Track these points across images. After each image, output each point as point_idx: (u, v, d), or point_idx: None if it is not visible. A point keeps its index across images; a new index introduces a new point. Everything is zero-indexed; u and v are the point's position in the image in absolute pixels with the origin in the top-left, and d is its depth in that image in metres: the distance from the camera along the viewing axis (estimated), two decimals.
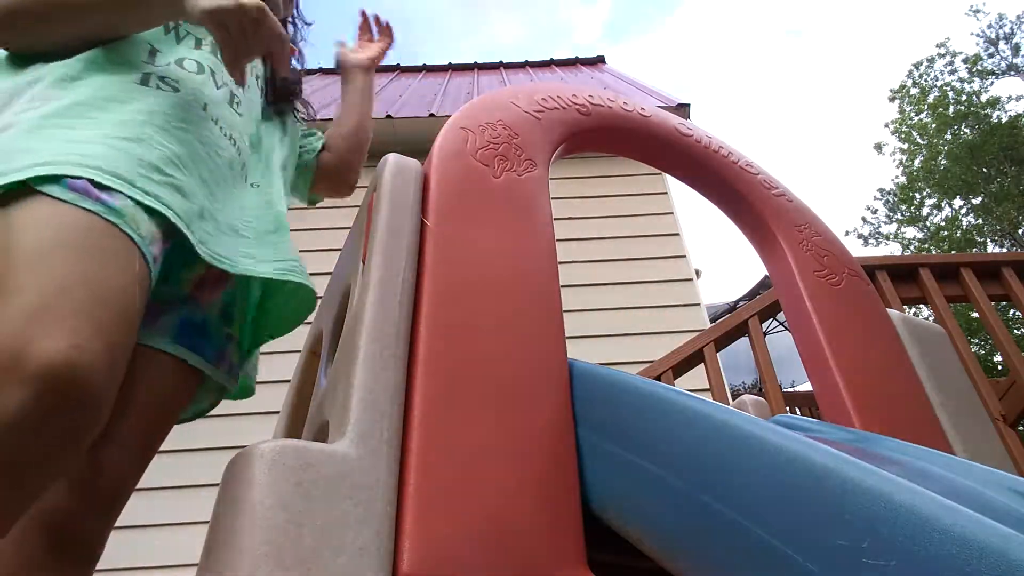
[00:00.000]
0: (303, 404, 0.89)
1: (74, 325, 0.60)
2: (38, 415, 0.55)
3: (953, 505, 0.36)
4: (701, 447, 0.52)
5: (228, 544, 0.48)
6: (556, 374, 0.68)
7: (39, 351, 0.56)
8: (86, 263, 0.65)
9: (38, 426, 0.56)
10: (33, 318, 0.58)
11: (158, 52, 0.91)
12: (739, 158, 1.16)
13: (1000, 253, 2.90)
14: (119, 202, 0.71)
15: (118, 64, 0.85)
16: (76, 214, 0.67)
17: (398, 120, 3.99)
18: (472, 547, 0.53)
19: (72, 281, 0.63)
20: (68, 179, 0.69)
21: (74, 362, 0.58)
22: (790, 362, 5.57)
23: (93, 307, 0.63)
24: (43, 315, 0.59)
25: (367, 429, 0.57)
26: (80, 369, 0.58)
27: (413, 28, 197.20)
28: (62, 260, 0.64)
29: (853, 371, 0.91)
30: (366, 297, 0.66)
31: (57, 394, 0.56)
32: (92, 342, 0.60)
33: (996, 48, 15.74)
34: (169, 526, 2.64)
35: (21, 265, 0.62)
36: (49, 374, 0.56)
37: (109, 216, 0.69)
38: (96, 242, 0.67)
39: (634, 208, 3.78)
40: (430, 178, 0.79)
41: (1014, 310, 9.69)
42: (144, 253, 0.72)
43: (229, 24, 0.80)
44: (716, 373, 2.17)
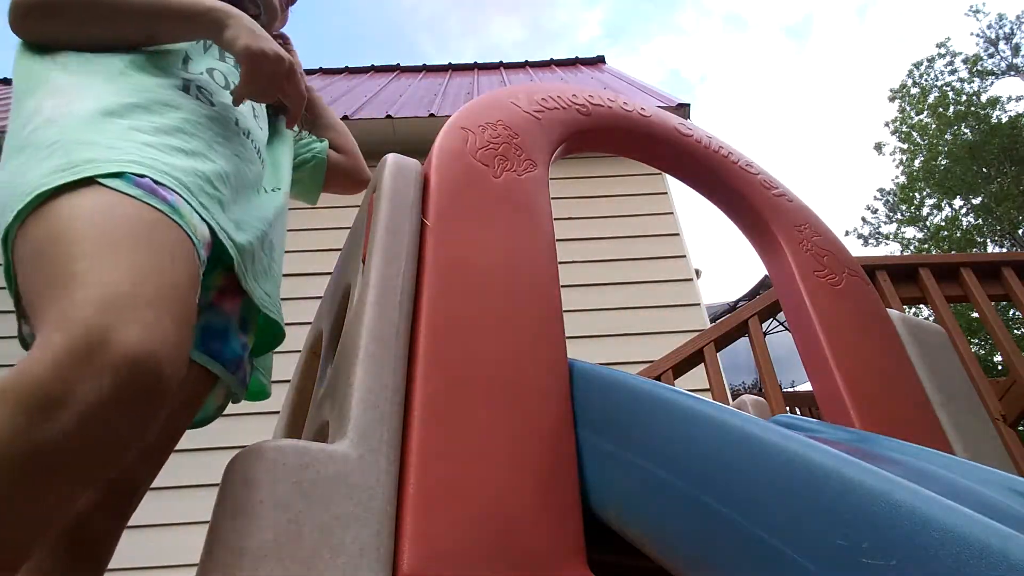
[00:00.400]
0: (303, 404, 0.89)
1: (153, 315, 0.59)
2: (116, 404, 0.54)
3: (953, 505, 0.36)
4: (701, 447, 0.52)
5: (228, 544, 0.48)
6: (556, 374, 0.68)
7: (121, 339, 0.55)
8: (157, 256, 0.65)
9: (113, 415, 0.55)
10: (113, 306, 0.57)
11: (190, 60, 0.92)
12: (739, 158, 1.16)
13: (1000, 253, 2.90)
14: (180, 203, 0.71)
15: (160, 68, 0.86)
16: (143, 209, 0.68)
17: (398, 120, 3.99)
18: (472, 547, 0.53)
19: (147, 273, 0.62)
20: (133, 175, 0.69)
21: (154, 352, 0.57)
22: (790, 362, 5.58)
23: (167, 299, 0.62)
24: (123, 303, 0.58)
25: (367, 429, 0.57)
26: (159, 360, 0.57)
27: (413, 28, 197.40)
28: (135, 251, 0.64)
29: (853, 371, 0.91)
30: (366, 297, 0.66)
31: (136, 384, 0.56)
32: (169, 334, 0.60)
33: (996, 48, 15.74)
34: (169, 526, 2.64)
35: (95, 254, 0.62)
36: (130, 364, 0.55)
37: (172, 215, 0.70)
38: (164, 237, 0.67)
39: (634, 208, 3.78)
40: (430, 178, 0.79)
41: (1014, 310, 9.68)
42: (199, 255, 0.72)
43: (261, 68, 0.83)
44: (716, 373, 2.17)
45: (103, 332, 0.55)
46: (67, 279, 0.59)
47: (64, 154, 0.69)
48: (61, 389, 0.52)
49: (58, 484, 0.53)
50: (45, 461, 0.52)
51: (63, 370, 0.53)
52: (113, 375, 0.54)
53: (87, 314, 0.56)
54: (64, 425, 0.52)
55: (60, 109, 0.75)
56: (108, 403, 0.54)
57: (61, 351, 0.53)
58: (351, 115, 4.09)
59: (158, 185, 0.70)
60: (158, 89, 0.82)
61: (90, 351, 0.54)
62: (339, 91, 5.32)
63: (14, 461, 0.50)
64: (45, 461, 0.52)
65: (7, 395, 0.52)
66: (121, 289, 0.59)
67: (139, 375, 0.56)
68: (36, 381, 0.52)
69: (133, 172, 0.69)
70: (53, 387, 0.52)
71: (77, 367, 0.53)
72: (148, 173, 0.70)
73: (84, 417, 0.53)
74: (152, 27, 0.86)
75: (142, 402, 0.57)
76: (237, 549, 0.47)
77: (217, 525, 0.50)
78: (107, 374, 0.54)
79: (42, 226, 0.65)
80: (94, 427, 0.54)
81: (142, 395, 0.56)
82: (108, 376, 0.54)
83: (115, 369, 0.54)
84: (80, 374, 0.53)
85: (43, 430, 0.51)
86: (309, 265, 3.05)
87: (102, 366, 0.54)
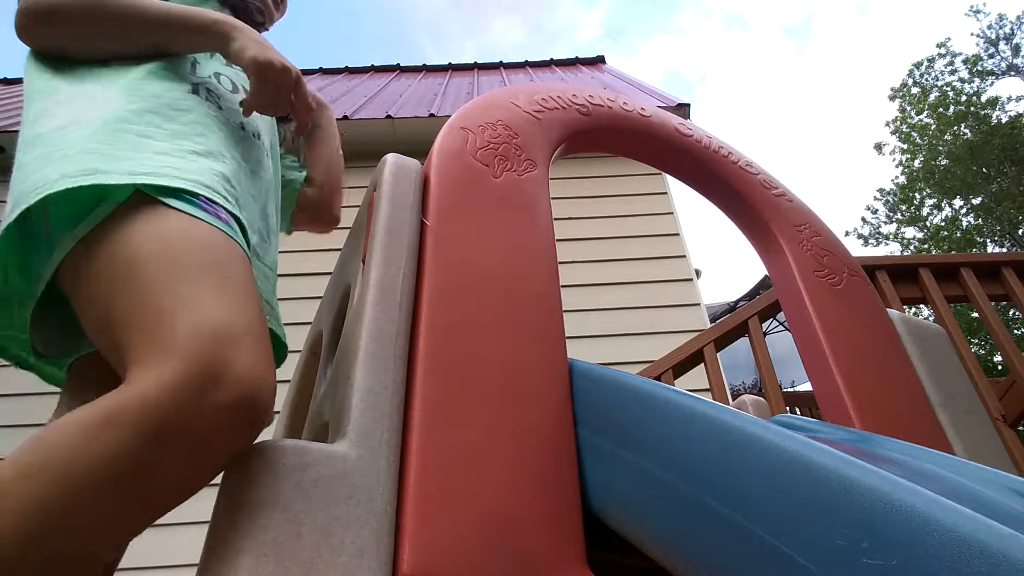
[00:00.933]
0: (303, 404, 0.89)
1: (258, 349, 0.59)
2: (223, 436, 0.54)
3: (953, 505, 0.36)
4: (701, 447, 0.52)
5: (228, 544, 0.48)
6: (556, 374, 0.68)
7: (236, 377, 0.55)
8: (243, 281, 0.65)
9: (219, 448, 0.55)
10: (226, 337, 0.57)
11: (198, 64, 0.93)
12: (739, 158, 1.15)
13: (1000, 253, 2.90)
14: (230, 220, 0.71)
15: (169, 73, 0.86)
16: (215, 232, 0.67)
17: (398, 120, 3.99)
18: (472, 547, 0.53)
19: (241, 300, 0.62)
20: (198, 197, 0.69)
21: (261, 390, 0.57)
22: (790, 362, 5.58)
23: (260, 328, 0.63)
24: (229, 335, 0.57)
25: (367, 429, 0.57)
26: (264, 397, 0.57)
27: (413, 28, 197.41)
28: (226, 279, 0.64)
29: (853, 371, 0.91)
30: (366, 297, 0.66)
31: (246, 422, 0.56)
32: (268, 368, 0.60)
33: (996, 48, 15.74)
34: (169, 526, 2.64)
35: (185, 278, 0.61)
36: (244, 403, 0.55)
37: (235, 236, 0.70)
38: (239, 263, 0.68)
39: (634, 208, 3.78)
40: (430, 178, 0.79)
41: (1014, 310, 9.69)
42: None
43: (269, 79, 0.83)
44: (716, 373, 2.17)
45: (219, 366, 0.55)
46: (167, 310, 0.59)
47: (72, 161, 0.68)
48: (178, 419, 0.52)
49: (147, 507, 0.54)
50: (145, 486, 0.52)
51: (181, 399, 0.53)
52: (227, 409, 0.54)
53: (198, 346, 0.55)
54: (173, 454, 0.52)
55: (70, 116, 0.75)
56: (217, 435, 0.54)
57: (179, 380, 0.53)
58: (351, 115, 4.09)
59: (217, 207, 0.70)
60: (167, 93, 0.82)
61: (208, 383, 0.54)
62: (339, 91, 5.32)
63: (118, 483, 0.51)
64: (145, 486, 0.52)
65: (125, 417, 0.52)
66: (226, 319, 0.59)
67: (249, 408, 0.56)
68: (155, 407, 0.52)
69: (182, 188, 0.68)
70: (169, 416, 0.52)
71: (195, 399, 0.53)
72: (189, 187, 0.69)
73: (193, 448, 0.53)
74: (158, 39, 0.86)
75: (247, 435, 0.57)
76: (237, 549, 0.47)
77: (217, 525, 0.50)
78: (223, 408, 0.54)
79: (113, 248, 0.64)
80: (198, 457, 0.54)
81: (250, 428, 0.57)
82: (223, 411, 0.54)
83: (231, 403, 0.54)
84: (198, 406, 0.53)
85: (153, 457, 0.52)
86: (309, 265, 3.05)
87: (220, 401, 0.54)
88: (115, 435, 0.51)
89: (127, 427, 0.51)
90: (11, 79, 5.88)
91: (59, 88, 0.81)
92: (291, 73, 0.85)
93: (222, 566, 0.47)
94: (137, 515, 0.54)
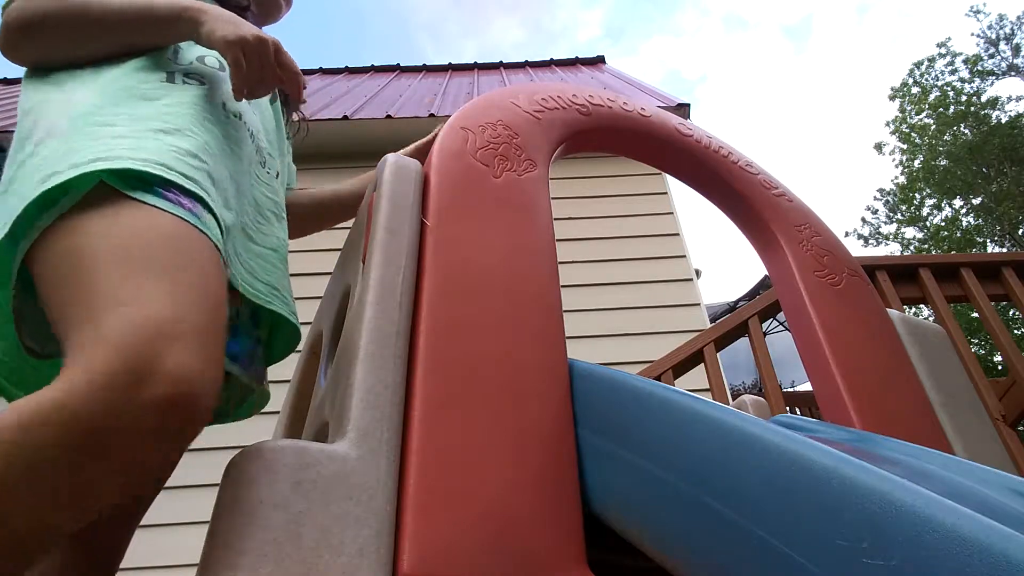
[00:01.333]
0: (303, 404, 0.89)
1: (197, 345, 0.58)
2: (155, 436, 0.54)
3: (953, 505, 0.36)
4: (701, 447, 0.52)
5: (228, 544, 0.48)
6: (556, 374, 0.68)
7: (166, 374, 0.54)
8: (198, 275, 0.64)
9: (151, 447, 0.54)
10: (156, 334, 0.56)
11: (180, 50, 0.91)
12: (739, 158, 1.15)
13: (1000, 253, 2.90)
14: (201, 212, 0.70)
15: (147, 63, 0.86)
16: (178, 223, 0.66)
17: (398, 120, 3.99)
18: (472, 547, 0.53)
19: (191, 296, 0.61)
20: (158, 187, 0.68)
21: (196, 388, 0.56)
22: (790, 362, 5.57)
23: (209, 324, 0.61)
24: (167, 332, 0.56)
25: (367, 429, 0.57)
26: (199, 395, 0.56)
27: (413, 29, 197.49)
28: (177, 271, 0.62)
29: (853, 371, 0.91)
30: (366, 297, 0.66)
31: (177, 420, 0.55)
32: (209, 365, 0.59)
33: (996, 49, 15.74)
34: (169, 526, 2.64)
35: (136, 272, 0.60)
36: (174, 400, 0.54)
37: (200, 225, 0.68)
38: (202, 253, 0.66)
39: (634, 208, 3.78)
40: (430, 178, 0.79)
41: (1014, 310, 9.68)
42: (224, 259, 0.71)
43: (247, 55, 0.81)
44: (716, 373, 2.17)
45: (150, 362, 0.54)
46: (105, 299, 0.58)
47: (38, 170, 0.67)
48: (105, 416, 0.51)
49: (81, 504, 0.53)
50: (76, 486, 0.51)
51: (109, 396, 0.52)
52: (157, 407, 0.53)
53: (131, 340, 0.54)
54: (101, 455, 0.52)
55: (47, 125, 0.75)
56: (148, 435, 0.53)
57: (108, 376, 0.52)
58: (351, 115, 4.08)
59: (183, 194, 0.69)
60: (140, 85, 0.81)
61: (136, 381, 0.53)
62: (339, 91, 5.32)
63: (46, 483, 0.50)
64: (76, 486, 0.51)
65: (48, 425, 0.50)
66: (166, 314, 0.57)
67: (182, 407, 0.55)
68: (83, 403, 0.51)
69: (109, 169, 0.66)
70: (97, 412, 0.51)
71: (123, 395, 0.52)
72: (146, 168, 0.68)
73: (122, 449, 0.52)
74: (134, 37, 0.86)
75: (181, 434, 0.56)
76: (237, 549, 0.47)
77: (217, 525, 0.50)
78: (152, 406, 0.53)
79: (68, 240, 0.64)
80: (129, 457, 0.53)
81: (184, 427, 0.55)
82: (153, 409, 0.53)
83: (160, 401, 0.53)
84: (125, 405, 0.52)
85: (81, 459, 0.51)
86: (309, 265, 3.05)
87: (148, 398, 0.53)
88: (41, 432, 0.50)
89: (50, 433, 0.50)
90: (11, 79, 5.88)
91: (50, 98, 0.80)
92: (268, 44, 0.83)
93: (222, 566, 0.47)
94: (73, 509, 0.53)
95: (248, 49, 0.81)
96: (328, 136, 3.76)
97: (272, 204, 0.95)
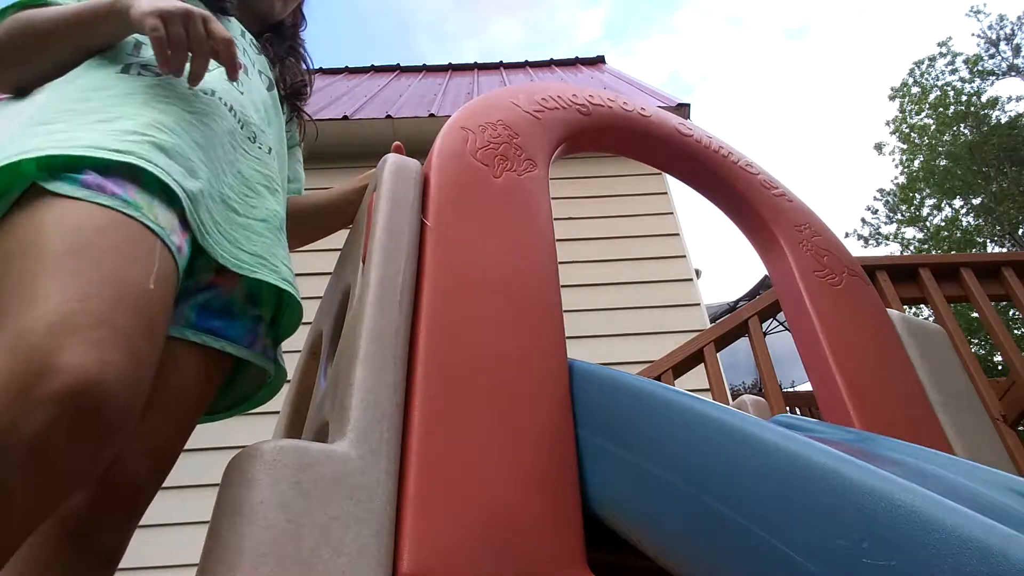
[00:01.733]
0: (303, 404, 0.89)
1: (98, 336, 0.56)
2: (61, 435, 0.52)
3: (953, 505, 0.36)
4: (701, 447, 0.52)
5: (228, 544, 0.48)
6: (556, 374, 0.68)
7: (63, 367, 0.53)
8: (108, 265, 0.62)
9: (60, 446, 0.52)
10: (55, 330, 0.54)
11: (143, 44, 0.90)
12: (739, 158, 1.15)
13: (1000, 253, 2.90)
14: (133, 194, 0.68)
15: (102, 61, 0.85)
16: (93, 211, 0.65)
17: (398, 120, 3.99)
18: (472, 547, 0.53)
19: (95, 287, 0.59)
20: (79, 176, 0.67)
21: (99, 379, 0.54)
22: (790, 362, 5.57)
23: (117, 314, 0.59)
24: (65, 326, 0.55)
25: (367, 429, 0.57)
26: (105, 386, 0.55)
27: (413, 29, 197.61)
28: (83, 264, 0.61)
29: (853, 371, 0.91)
30: (366, 297, 0.66)
31: (82, 413, 0.53)
32: (117, 354, 0.57)
33: (997, 49, 15.74)
34: (169, 526, 2.64)
35: (41, 271, 0.59)
36: (73, 392, 0.53)
37: (126, 210, 0.67)
38: (117, 240, 0.64)
39: (634, 208, 3.78)
40: (430, 178, 0.79)
41: (1014, 310, 9.68)
42: (167, 244, 0.70)
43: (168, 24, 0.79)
44: (716, 373, 2.17)
45: (46, 358, 0.53)
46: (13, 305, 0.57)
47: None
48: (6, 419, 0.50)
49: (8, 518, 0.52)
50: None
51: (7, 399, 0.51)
52: (55, 406, 0.52)
53: (32, 340, 0.54)
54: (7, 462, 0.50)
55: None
56: (52, 436, 0.52)
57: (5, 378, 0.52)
58: (351, 115, 4.09)
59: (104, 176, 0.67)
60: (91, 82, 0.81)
61: (32, 379, 0.52)
62: (339, 91, 5.32)
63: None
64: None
65: None
66: (68, 309, 0.56)
67: (83, 403, 0.53)
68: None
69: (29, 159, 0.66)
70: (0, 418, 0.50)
71: (19, 398, 0.51)
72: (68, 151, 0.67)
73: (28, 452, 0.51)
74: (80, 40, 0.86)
75: (90, 434, 0.54)
76: (237, 549, 0.47)
77: (217, 525, 0.50)
78: (49, 404, 0.52)
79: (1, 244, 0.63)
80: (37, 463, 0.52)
81: (88, 424, 0.54)
82: (50, 407, 0.52)
83: (55, 399, 0.52)
84: (22, 406, 0.51)
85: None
86: (309, 265, 3.04)
87: (43, 397, 0.52)
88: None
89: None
90: None
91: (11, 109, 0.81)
92: (194, 13, 0.79)
93: (222, 566, 0.47)
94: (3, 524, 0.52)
95: (168, 17, 0.79)
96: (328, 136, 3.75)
97: (263, 178, 0.93)
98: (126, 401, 0.57)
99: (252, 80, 1.02)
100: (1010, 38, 15.68)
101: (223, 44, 0.83)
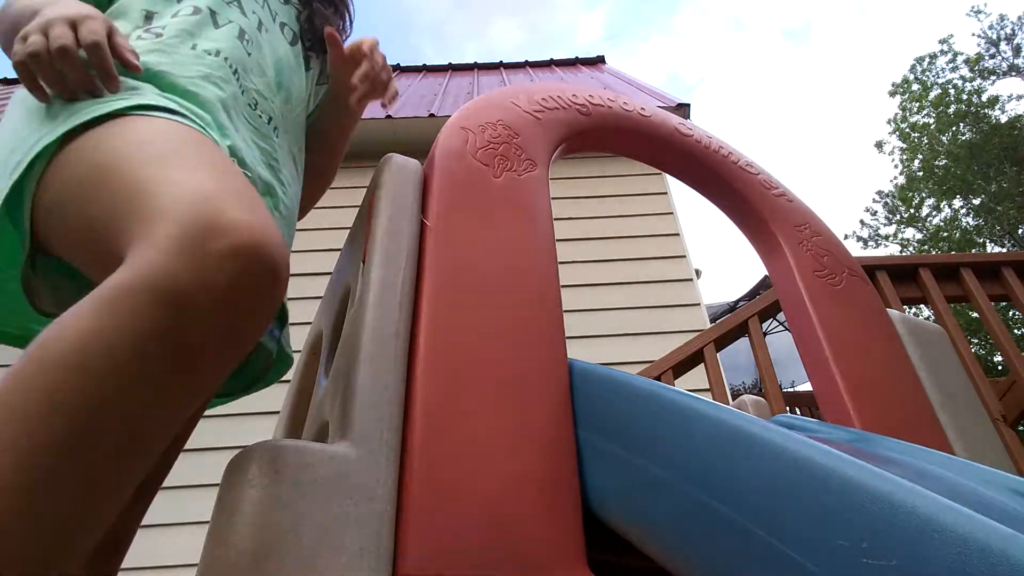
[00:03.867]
0: (303, 404, 0.89)
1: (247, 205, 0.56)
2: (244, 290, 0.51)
3: (953, 505, 0.36)
4: (701, 447, 0.52)
5: (228, 544, 0.48)
6: (556, 374, 0.68)
7: (234, 224, 0.51)
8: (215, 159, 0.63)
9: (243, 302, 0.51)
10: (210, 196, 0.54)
11: (154, 15, 0.87)
12: (739, 158, 1.15)
13: (1000, 253, 2.90)
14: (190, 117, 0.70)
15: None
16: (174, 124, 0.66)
17: (398, 120, 3.99)
18: (472, 547, 0.53)
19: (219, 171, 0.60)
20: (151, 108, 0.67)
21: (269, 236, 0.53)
22: (790, 362, 5.57)
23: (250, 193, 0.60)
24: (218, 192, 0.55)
25: (367, 429, 0.57)
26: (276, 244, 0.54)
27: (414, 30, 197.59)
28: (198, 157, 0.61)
29: (853, 371, 0.91)
30: (366, 297, 0.66)
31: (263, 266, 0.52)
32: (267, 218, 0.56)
33: (997, 49, 15.74)
34: (169, 526, 2.64)
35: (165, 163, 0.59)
36: (251, 245, 0.51)
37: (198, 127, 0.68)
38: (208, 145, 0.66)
39: (634, 208, 3.78)
40: (430, 178, 0.79)
41: (1014, 310, 9.68)
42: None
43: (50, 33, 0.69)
44: (716, 373, 2.17)
45: (213, 217, 0.51)
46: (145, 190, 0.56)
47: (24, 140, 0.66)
48: (188, 276, 0.48)
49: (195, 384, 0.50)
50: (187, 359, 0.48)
51: (185, 257, 0.49)
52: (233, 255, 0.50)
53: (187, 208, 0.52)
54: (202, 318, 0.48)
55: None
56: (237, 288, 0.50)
57: (177, 239, 0.50)
58: None
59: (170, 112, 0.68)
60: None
61: (205, 235, 0.50)
62: None
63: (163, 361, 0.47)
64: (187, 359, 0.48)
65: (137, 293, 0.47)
66: (209, 186, 0.56)
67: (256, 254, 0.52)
68: (163, 269, 0.48)
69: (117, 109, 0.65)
70: (179, 274, 0.48)
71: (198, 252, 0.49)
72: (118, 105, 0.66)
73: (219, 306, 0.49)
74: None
75: (267, 287, 0.53)
76: (237, 549, 0.47)
77: (217, 525, 0.50)
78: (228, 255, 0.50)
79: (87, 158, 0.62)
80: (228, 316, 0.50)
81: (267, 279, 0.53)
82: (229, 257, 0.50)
83: (233, 250, 0.51)
84: (202, 258, 0.49)
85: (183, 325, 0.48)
86: (309, 265, 3.04)
87: (221, 248, 0.50)
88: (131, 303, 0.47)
89: (143, 301, 0.47)
90: (11, 79, 5.88)
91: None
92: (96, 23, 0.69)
93: (222, 566, 0.47)
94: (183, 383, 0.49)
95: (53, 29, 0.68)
96: None
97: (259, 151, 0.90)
98: (284, 261, 0.56)
99: (269, 35, 0.97)
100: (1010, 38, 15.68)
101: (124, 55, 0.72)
